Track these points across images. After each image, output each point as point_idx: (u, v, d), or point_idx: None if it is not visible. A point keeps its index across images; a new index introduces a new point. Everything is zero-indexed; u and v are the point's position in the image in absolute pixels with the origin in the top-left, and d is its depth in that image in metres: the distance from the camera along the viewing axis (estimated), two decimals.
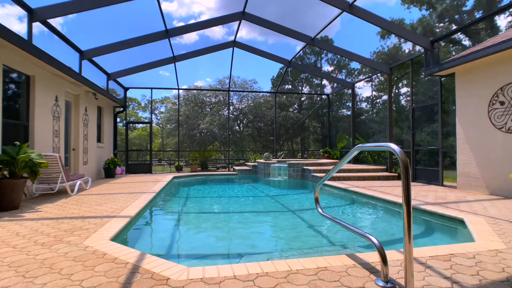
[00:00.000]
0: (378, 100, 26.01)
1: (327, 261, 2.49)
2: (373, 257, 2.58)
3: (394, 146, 1.98)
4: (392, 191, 6.74)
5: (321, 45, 9.60)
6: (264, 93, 29.52)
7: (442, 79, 7.88)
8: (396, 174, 9.47)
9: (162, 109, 40.89)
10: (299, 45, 11.73)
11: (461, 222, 4.04)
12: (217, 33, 43.97)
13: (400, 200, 5.46)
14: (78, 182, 6.79)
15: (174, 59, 10.89)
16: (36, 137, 6.54)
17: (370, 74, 18.78)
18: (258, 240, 3.91)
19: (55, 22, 7.06)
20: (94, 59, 9.53)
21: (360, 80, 15.30)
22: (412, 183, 8.33)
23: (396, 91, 24.51)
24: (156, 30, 8.72)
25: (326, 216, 2.94)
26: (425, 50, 7.48)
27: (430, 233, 4.26)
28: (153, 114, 41.80)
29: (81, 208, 4.87)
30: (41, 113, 6.75)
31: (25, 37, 6.10)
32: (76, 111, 8.94)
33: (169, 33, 8.66)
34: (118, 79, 12.02)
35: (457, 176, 7.27)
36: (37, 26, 6.51)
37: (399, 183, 8.41)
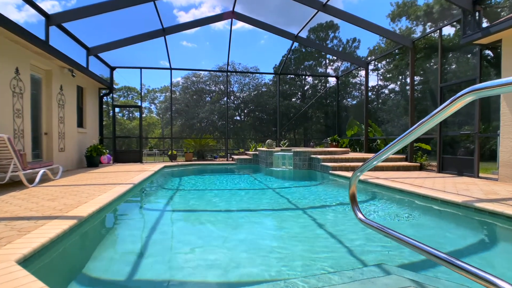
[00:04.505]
0: (383, 90, 24.80)
1: None
2: None
3: None
4: (422, 183, 5.52)
5: (334, 13, 8.22)
6: (267, 78, 28.16)
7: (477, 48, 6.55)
8: (418, 164, 8.22)
9: (162, 99, 39.62)
10: (303, 32, 10.43)
11: None
12: (218, 22, 42.59)
13: (442, 195, 4.23)
14: (41, 171, 5.60)
15: (163, 31, 9.54)
16: None
17: (380, 54, 17.39)
18: (256, 257, 2.69)
19: None
20: (70, 30, 8.23)
21: (376, 58, 13.89)
22: (439, 174, 7.10)
23: (403, 80, 23.23)
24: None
25: (373, 226, 1.70)
26: (464, 13, 6.14)
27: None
28: (152, 104, 40.59)
29: (25, 204, 3.69)
30: None
31: None
32: (48, 89, 7.69)
33: None
34: (105, 59, 10.72)
35: (498, 166, 6.04)
36: None
37: (424, 174, 7.18)
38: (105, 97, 11.83)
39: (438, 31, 7.64)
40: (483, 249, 2.95)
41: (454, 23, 8.94)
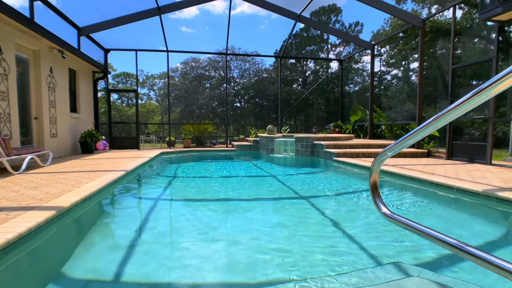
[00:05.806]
0: (386, 76, 24.32)
1: None
2: None
3: None
4: (433, 170, 5.19)
5: None
6: (267, 63, 27.46)
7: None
8: (425, 150, 7.88)
9: (161, 85, 38.96)
10: (305, 15, 9.81)
11: None
12: (218, 7, 41.83)
13: (458, 184, 3.90)
14: (28, 157, 5.27)
15: (159, 10, 9.00)
16: None
17: (383, 38, 16.80)
18: (256, 258, 2.40)
19: None
20: (60, 9, 7.72)
21: (383, 40, 13.33)
22: (449, 161, 6.77)
23: (406, 66, 22.64)
24: None
25: (402, 222, 1.36)
26: None
27: None
28: (151, 91, 39.95)
29: (3, 193, 3.38)
30: None
31: None
32: (37, 71, 7.26)
33: None
34: (99, 41, 10.21)
35: None
36: None
37: (432, 160, 6.85)
38: (101, 82, 11.40)
39: (452, 8, 7.12)
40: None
41: (462, 4, 8.48)
